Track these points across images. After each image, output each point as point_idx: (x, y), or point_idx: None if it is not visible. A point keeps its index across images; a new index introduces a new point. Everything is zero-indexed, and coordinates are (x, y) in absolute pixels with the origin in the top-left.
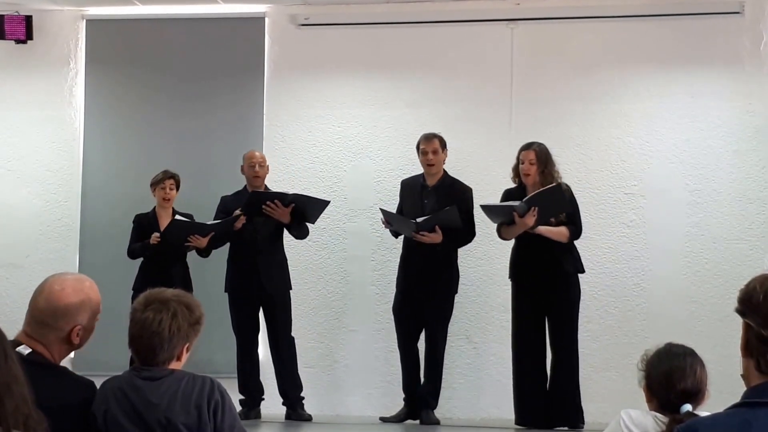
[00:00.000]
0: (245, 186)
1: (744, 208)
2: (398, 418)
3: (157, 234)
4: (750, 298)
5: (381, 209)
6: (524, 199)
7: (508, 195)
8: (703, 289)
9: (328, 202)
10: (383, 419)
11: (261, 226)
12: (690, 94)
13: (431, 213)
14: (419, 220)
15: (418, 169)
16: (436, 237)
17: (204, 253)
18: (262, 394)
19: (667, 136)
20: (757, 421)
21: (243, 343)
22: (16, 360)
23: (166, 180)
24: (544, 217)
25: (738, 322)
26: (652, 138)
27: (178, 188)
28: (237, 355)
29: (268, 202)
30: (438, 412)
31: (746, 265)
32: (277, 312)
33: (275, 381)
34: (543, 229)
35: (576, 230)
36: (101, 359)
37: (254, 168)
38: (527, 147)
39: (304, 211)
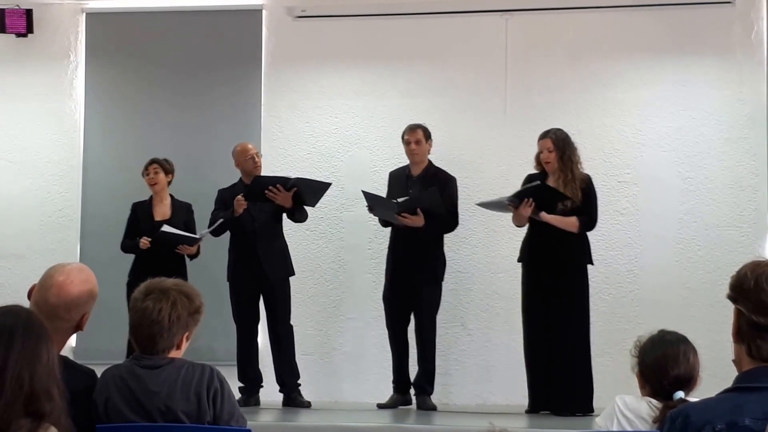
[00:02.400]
0: (240, 179)
1: (736, 195)
2: (391, 405)
3: (146, 240)
4: (741, 285)
5: (363, 191)
6: (513, 194)
7: (530, 179)
8: (696, 276)
9: (330, 184)
10: (380, 405)
11: (259, 213)
12: (682, 83)
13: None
14: (400, 200)
15: None
16: (418, 220)
17: (193, 257)
18: (261, 381)
19: (660, 124)
20: (747, 405)
21: (243, 331)
22: (57, 363)
23: (150, 166)
24: (546, 207)
25: (730, 308)
26: (644, 126)
27: (168, 173)
28: (237, 342)
29: (270, 187)
30: (434, 398)
31: (738, 251)
32: (277, 300)
33: (272, 368)
34: (550, 218)
35: (588, 221)
36: (102, 348)
37: (254, 159)
38: (544, 135)
39: (304, 195)
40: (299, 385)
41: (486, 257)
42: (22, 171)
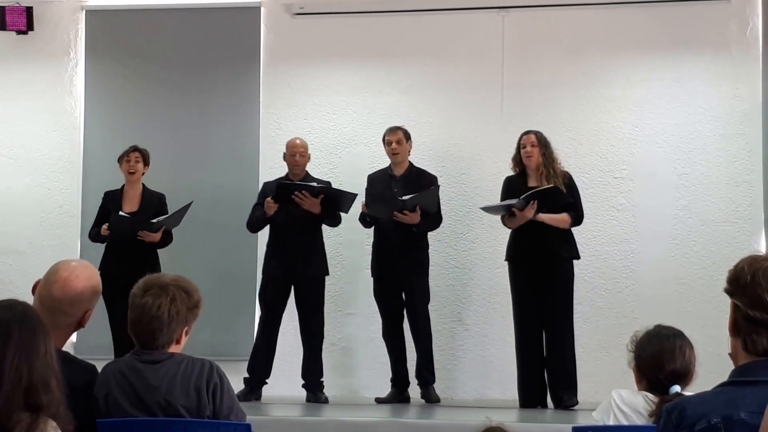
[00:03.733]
0: (287, 173)
1: (731, 191)
2: (389, 401)
3: (105, 226)
4: (738, 279)
5: (367, 190)
6: (522, 197)
7: (509, 182)
8: (692, 271)
9: (356, 195)
10: (378, 400)
11: (295, 209)
12: (678, 80)
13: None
14: (405, 197)
15: (410, 155)
16: (416, 217)
17: (159, 244)
18: (267, 377)
19: (656, 120)
20: (743, 399)
21: (266, 325)
22: (55, 356)
23: (131, 153)
24: (543, 209)
25: (726, 302)
26: (640, 123)
27: (146, 164)
28: (257, 334)
29: (296, 192)
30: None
31: (733, 246)
32: (311, 296)
33: (283, 363)
34: (545, 217)
35: (577, 217)
36: (103, 343)
37: (295, 157)
38: (527, 132)
39: (336, 201)
40: (322, 382)
41: (483, 253)
42: (22, 168)
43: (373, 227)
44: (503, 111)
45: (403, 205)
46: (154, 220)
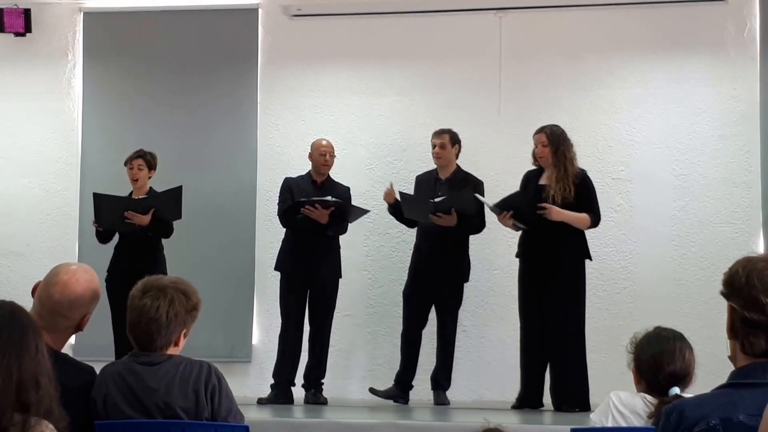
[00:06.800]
0: (309, 171)
1: (729, 191)
2: (386, 395)
3: (93, 220)
4: (733, 282)
5: (400, 192)
6: (497, 202)
7: (527, 177)
8: (690, 272)
9: (368, 211)
10: (373, 391)
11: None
12: (675, 80)
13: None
14: (437, 200)
15: (409, 156)
16: (451, 219)
17: (159, 232)
18: (292, 383)
19: (654, 121)
20: (742, 401)
21: (288, 327)
22: (47, 355)
23: (134, 160)
24: (523, 216)
25: (724, 303)
26: (638, 123)
27: (151, 168)
28: (279, 337)
29: (307, 206)
30: (429, 394)
31: (732, 247)
32: (325, 297)
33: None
34: (564, 215)
35: (595, 217)
36: (102, 345)
37: (325, 156)
38: (539, 131)
39: (344, 212)
40: (322, 382)
41: (481, 254)
42: (20, 169)
43: (416, 228)
44: (501, 112)
45: (435, 207)
46: (137, 197)
